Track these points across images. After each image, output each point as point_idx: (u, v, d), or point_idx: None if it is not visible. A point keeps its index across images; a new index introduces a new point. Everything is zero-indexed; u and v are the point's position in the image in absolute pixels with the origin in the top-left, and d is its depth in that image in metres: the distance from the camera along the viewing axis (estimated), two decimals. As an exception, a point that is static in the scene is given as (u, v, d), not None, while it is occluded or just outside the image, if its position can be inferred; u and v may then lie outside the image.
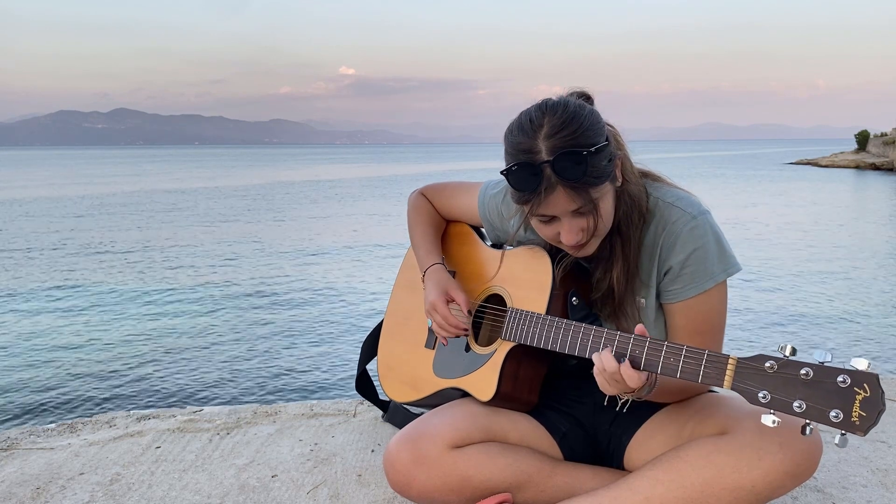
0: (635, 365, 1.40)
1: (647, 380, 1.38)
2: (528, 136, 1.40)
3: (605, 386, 1.40)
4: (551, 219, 1.45)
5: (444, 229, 2.01)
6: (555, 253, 1.65)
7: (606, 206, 1.45)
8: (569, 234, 1.44)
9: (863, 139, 66.98)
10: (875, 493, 1.82)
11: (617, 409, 1.49)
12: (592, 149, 1.37)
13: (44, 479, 1.97)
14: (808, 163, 71.51)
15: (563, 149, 1.36)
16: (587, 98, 1.51)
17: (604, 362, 1.37)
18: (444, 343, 1.79)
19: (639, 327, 1.37)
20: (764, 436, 1.41)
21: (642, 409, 1.66)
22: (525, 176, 1.39)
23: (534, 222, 1.49)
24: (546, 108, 1.42)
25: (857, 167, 60.78)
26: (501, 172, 1.45)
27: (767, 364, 1.22)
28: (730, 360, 1.27)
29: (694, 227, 1.51)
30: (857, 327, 10.18)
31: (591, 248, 1.51)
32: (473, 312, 1.79)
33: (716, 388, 1.76)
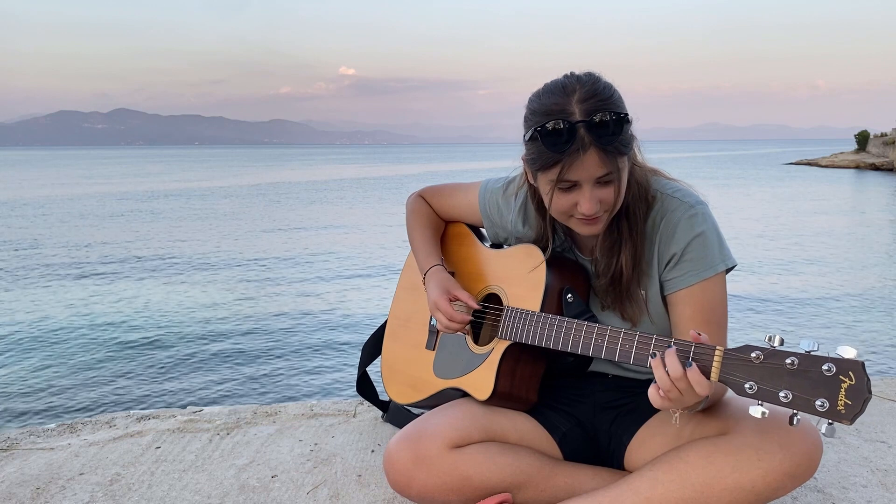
0: (624, 358, 1.40)
1: (710, 389, 1.31)
2: (561, 98, 1.41)
3: (658, 400, 1.34)
4: (571, 186, 1.44)
5: (443, 230, 2.01)
6: (549, 249, 1.66)
7: (625, 180, 1.47)
8: (589, 202, 1.43)
9: (863, 139, 66.97)
10: (875, 493, 1.82)
11: (673, 421, 1.45)
12: (626, 114, 1.40)
13: (44, 479, 1.97)
14: (808, 163, 71.49)
15: (597, 111, 1.37)
16: None
17: (668, 366, 1.30)
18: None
19: (692, 334, 1.32)
20: (764, 436, 1.41)
21: (643, 410, 1.66)
22: (558, 135, 1.38)
23: (553, 192, 1.45)
24: (577, 77, 1.44)
25: (857, 167, 60.78)
26: (533, 130, 1.41)
27: (753, 354, 1.22)
28: (717, 351, 1.27)
29: (693, 215, 1.53)
30: (856, 327, 10.18)
31: (601, 225, 1.50)
32: (470, 316, 1.79)
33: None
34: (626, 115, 1.41)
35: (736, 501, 1.41)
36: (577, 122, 1.37)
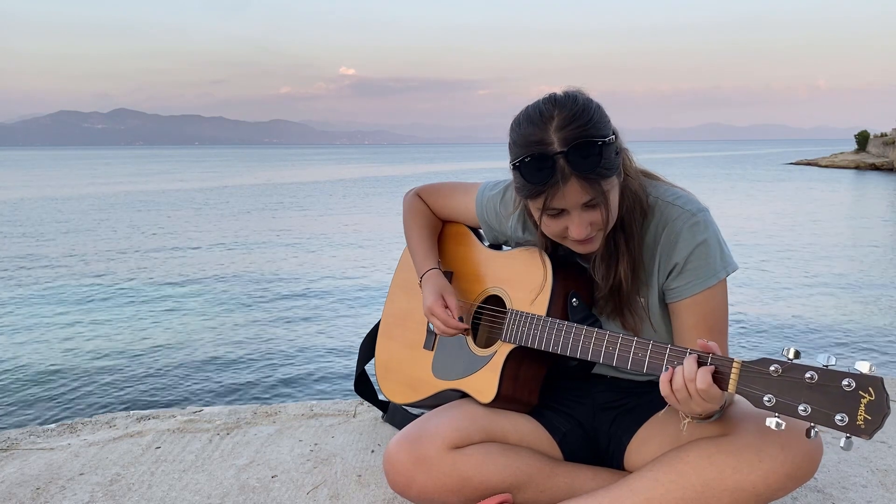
0: (637, 367, 1.40)
1: (721, 401, 1.33)
2: (539, 128, 1.39)
3: (667, 388, 1.34)
4: (560, 213, 1.44)
5: (440, 230, 2.01)
6: (552, 253, 1.65)
7: (614, 199, 1.46)
8: (578, 227, 1.44)
9: (863, 139, 66.92)
10: (875, 493, 1.82)
11: (682, 427, 1.46)
12: (605, 140, 1.38)
13: (44, 479, 1.97)
14: (808, 163, 71.48)
15: (576, 140, 1.36)
16: None
17: (685, 369, 1.31)
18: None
19: (700, 342, 1.33)
20: (765, 437, 1.41)
21: (642, 410, 1.66)
22: (538, 168, 1.38)
23: (542, 219, 1.47)
24: (556, 101, 1.42)
25: (857, 167, 60.78)
26: (513, 164, 1.43)
27: (772, 368, 1.22)
28: (734, 364, 1.27)
29: (694, 223, 1.52)
30: (856, 328, 10.18)
31: (596, 244, 1.51)
32: (471, 317, 1.79)
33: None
34: (606, 139, 1.38)
35: (736, 502, 1.41)
36: (556, 153, 1.36)
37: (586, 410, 1.73)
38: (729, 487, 1.40)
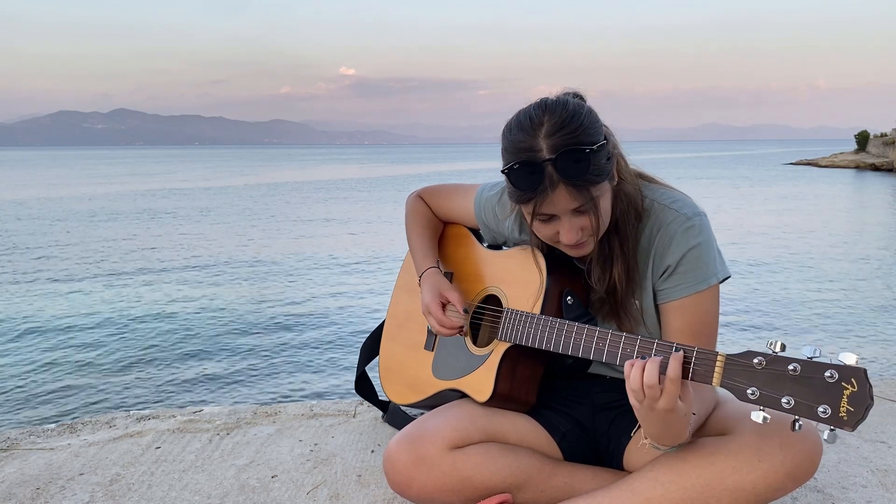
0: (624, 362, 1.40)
1: (688, 417, 1.31)
2: (528, 135, 1.40)
3: (636, 404, 1.33)
4: (550, 218, 1.45)
5: (441, 231, 2.01)
6: (549, 253, 1.66)
7: (605, 204, 1.46)
8: (569, 233, 1.44)
9: (863, 139, 66.91)
10: (875, 493, 1.82)
11: (643, 445, 1.45)
12: (594, 146, 1.38)
13: (44, 479, 1.97)
14: (808, 163, 71.50)
15: (564, 147, 1.36)
16: (580, 99, 1.51)
17: (645, 374, 1.28)
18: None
19: None
20: (764, 437, 1.41)
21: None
22: (526, 174, 1.39)
23: (534, 223, 1.48)
24: (545, 107, 1.42)
25: (857, 167, 60.78)
26: (502, 171, 1.44)
27: (756, 360, 1.22)
28: (718, 357, 1.27)
29: (689, 227, 1.52)
30: (855, 328, 10.18)
31: (588, 248, 1.51)
32: (471, 312, 1.79)
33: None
34: (595, 146, 1.38)
35: (736, 502, 1.41)
36: (544, 160, 1.36)
37: (586, 410, 1.73)
38: (729, 487, 1.40)
